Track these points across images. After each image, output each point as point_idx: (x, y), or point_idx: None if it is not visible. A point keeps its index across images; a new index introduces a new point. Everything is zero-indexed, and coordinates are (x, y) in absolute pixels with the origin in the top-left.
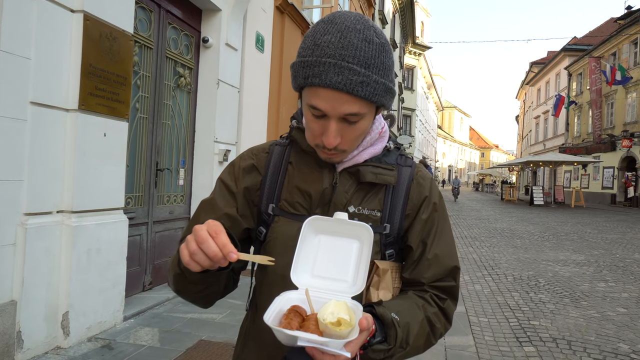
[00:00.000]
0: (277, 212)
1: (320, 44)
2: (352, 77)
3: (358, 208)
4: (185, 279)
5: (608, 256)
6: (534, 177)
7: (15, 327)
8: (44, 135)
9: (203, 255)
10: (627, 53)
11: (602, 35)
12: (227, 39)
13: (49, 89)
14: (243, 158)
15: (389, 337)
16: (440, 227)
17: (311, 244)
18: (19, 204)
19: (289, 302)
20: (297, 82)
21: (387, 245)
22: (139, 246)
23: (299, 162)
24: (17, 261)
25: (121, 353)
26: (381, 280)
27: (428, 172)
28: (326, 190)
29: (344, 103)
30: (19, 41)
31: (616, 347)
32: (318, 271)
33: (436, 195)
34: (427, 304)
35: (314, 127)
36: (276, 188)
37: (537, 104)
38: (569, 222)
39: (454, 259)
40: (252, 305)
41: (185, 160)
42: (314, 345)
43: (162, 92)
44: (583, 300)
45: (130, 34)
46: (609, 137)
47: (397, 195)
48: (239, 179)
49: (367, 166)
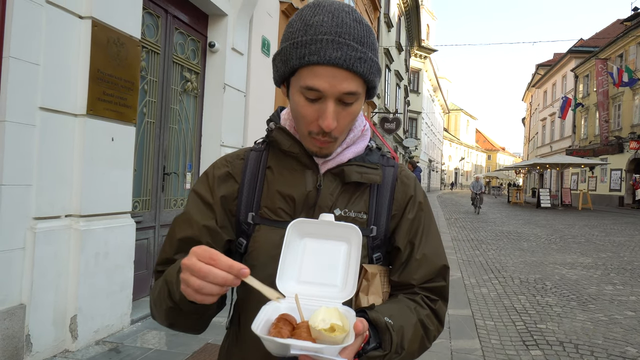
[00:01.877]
0: (257, 220)
1: (312, 24)
2: (351, 53)
3: (344, 211)
4: (180, 311)
5: (616, 259)
6: (541, 179)
7: (24, 330)
8: (52, 140)
9: (213, 286)
10: (634, 54)
11: (609, 37)
12: (233, 43)
13: (58, 95)
14: (217, 166)
15: (383, 342)
16: (426, 226)
17: (296, 248)
18: (28, 209)
19: (277, 311)
20: (288, 66)
21: (374, 248)
22: (146, 250)
23: (278, 166)
24: (26, 265)
25: (128, 356)
26: (370, 285)
27: (410, 171)
28: (310, 193)
29: (343, 81)
30: (28, 47)
31: (624, 350)
32: (305, 277)
33: (421, 194)
34: (419, 306)
35: (308, 112)
36: (255, 195)
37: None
38: (576, 225)
39: (443, 258)
40: (234, 323)
41: (192, 164)
42: (308, 353)
43: (169, 96)
44: (590, 303)
45: (137, 39)
46: (616, 139)
47: (382, 195)
48: (214, 188)
49: (352, 165)
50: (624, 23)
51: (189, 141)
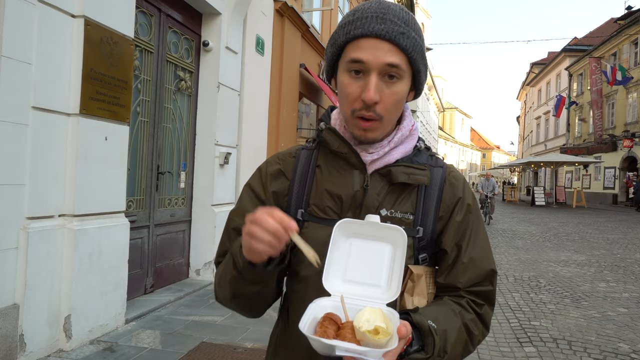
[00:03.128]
0: (306, 217)
1: (359, 9)
2: (394, 27)
3: (390, 211)
4: (244, 279)
5: (609, 256)
6: (536, 177)
7: (17, 330)
8: (45, 139)
9: (265, 234)
10: (628, 53)
11: (603, 36)
12: (227, 42)
13: (51, 94)
14: (270, 163)
15: (426, 345)
16: (475, 229)
17: (342, 248)
18: (21, 208)
19: (323, 309)
20: (335, 46)
21: (420, 249)
22: (140, 249)
23: (328, 165)
24: (20, 265)
25: (123, 356)
26: (415, 286)
27: (460, 173)
28: (357, 193)
29: (386, 52)
30: (20, 46)
31: (617, 347)
32: (350, 276)
33: (470, 196)
34: (464, 310)
35: (352, 90)
36: (304, 192)
37: (537, 104)
38: (570, 223)
39: (491, 262)
40: (283, 312)
41: (186, 163)
42: (353, 355)
43: (162, 95)
44: (584, 300)
45: (130, 38)
46: (610, 138)
47: (429, 197)
48: (267, 184)
49: (399, 166)
50: (618, 22)
51: (183, 140)
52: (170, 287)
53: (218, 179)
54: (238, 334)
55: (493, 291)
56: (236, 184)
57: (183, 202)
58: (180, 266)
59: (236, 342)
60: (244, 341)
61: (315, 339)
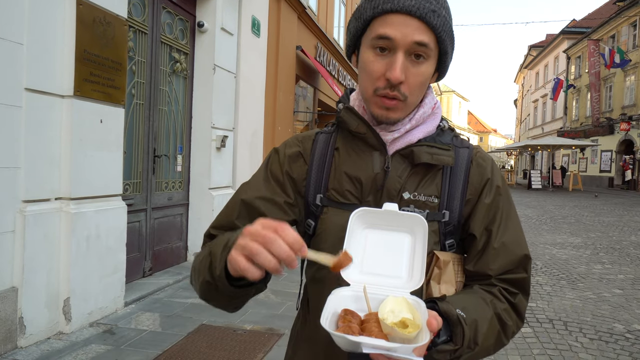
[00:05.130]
0: (325, 202)
1: None
2: (425, 4)
3: (414, 194)
4: (216, 289)
5: (605, 239)
6: (532, 161)
7: (17, 313)
8: (39, 122)
9: (270, 258)
10: (626, 35)
11: (601, 18)
12: (222, 23)
13: (44, 75)
14: (288, 145)
15: (455, 336)
16: (505, 212)
17: (359, 239)
18: (17, 191)
19: (342, 300)
20: (361, 20)
21: (446, 234)
22: (138, 233)
23: (346, 147)
24: (17, 248)
25: (123, 338)
26: (442, 273)
27: (487, 153)
28: (378, 175)
29: (415, 30)
30: (11, 26)
31: (611, 327)
32: (367, 268)
33: (499, 177)
34: (496, 299)
35: (376, 67)
36: (323, 177)
37: (535, 87)
38: (566, 206)
39: (524, 247)
40: (304, 304)
41: (183, 146)
42: (381, 352)
43: (158, 77)
44: (579, 282)
45: (124, 18)
46: (607, 121)
47: (455, 178)
48: (284, 166)
49: (422, 146)
50: (617, 3)
51: (179, 123)
52: (168, 270)
53: (215, 162)
54: (237, 316)
55: (527, 279)
56: (233, 167)
57: (180, 185)
58: (178, 249)
59: (235, 324)
60: (243, 323)
61: (340, 335)
